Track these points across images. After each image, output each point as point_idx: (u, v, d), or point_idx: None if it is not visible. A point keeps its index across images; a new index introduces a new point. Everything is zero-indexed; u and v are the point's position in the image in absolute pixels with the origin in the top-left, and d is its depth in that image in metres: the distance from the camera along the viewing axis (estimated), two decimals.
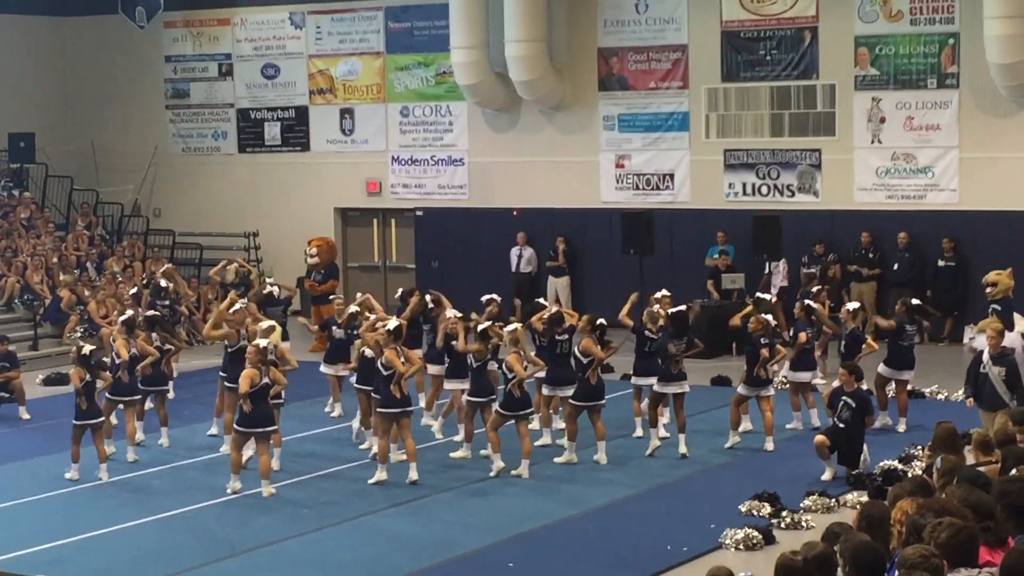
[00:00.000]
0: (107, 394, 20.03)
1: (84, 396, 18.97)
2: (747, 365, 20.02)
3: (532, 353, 19.54)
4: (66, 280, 29.62)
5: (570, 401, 19.43)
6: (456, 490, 18.32)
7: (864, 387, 19.09)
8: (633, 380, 20.87)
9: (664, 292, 21.84)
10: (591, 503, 17.56)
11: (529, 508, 17.38)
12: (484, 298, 21.95)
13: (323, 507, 17.66)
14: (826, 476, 18.09)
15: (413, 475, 18.45)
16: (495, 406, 19.15)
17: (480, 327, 19.54)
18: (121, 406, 20.33)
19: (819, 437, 18.38)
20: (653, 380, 20.03)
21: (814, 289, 24.25)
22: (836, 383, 18.82)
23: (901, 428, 20.72)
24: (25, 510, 17.92)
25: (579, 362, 19.43)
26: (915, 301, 22.13)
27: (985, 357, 17.87)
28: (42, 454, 20.70)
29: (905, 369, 21.16)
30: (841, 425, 18.21)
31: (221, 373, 20.74)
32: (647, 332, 20.38)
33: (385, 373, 18.50)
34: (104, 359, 25.18)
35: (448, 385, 20.78)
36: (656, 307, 20.87)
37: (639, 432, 20.59)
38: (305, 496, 18.16)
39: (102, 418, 19.33)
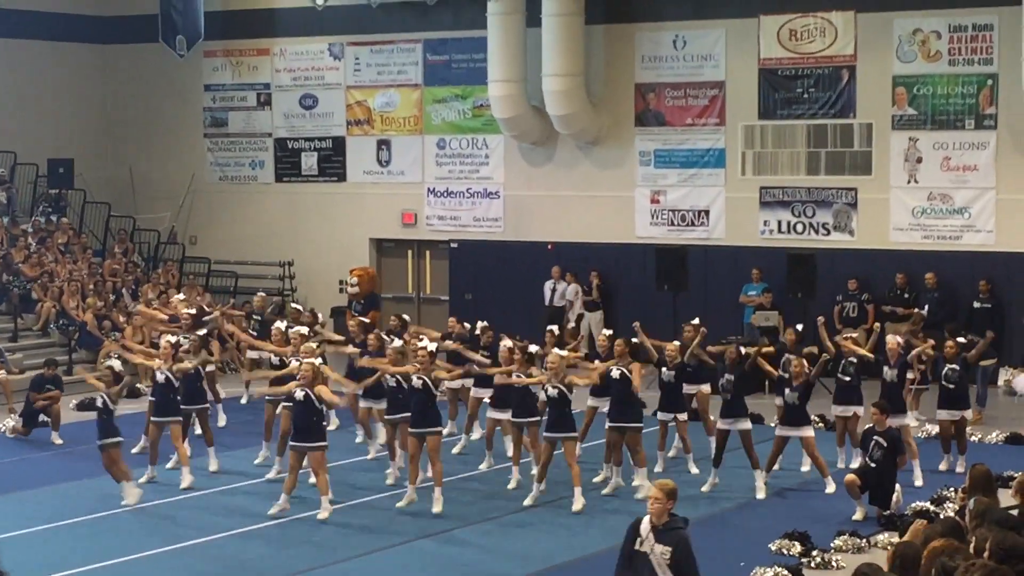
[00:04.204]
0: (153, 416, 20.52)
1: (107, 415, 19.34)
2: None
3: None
4: (90, 303, 29.77)
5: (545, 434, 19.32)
6: (493, 520, 18.30)
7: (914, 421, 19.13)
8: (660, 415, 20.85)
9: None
10: (616, 539, 17.44)
11: (560, 541, 17.32)
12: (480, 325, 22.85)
13: (356, 535, 17.65)
14: (857, 516, 17.98)
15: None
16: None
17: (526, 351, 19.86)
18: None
19: (849, 476, 18.27)
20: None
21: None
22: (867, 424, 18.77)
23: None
24: (54, 535, 17.95)
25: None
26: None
27: (644, 527, 11.80)
28: (73, 479, 20.75)
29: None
30: (872, 465, 18.10)
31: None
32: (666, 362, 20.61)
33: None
34: (139, 385, 25.42)
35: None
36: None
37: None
38: (338, 524, 18.16)
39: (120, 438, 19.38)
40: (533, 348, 19.88)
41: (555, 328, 22.35)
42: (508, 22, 30.91)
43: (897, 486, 18.23)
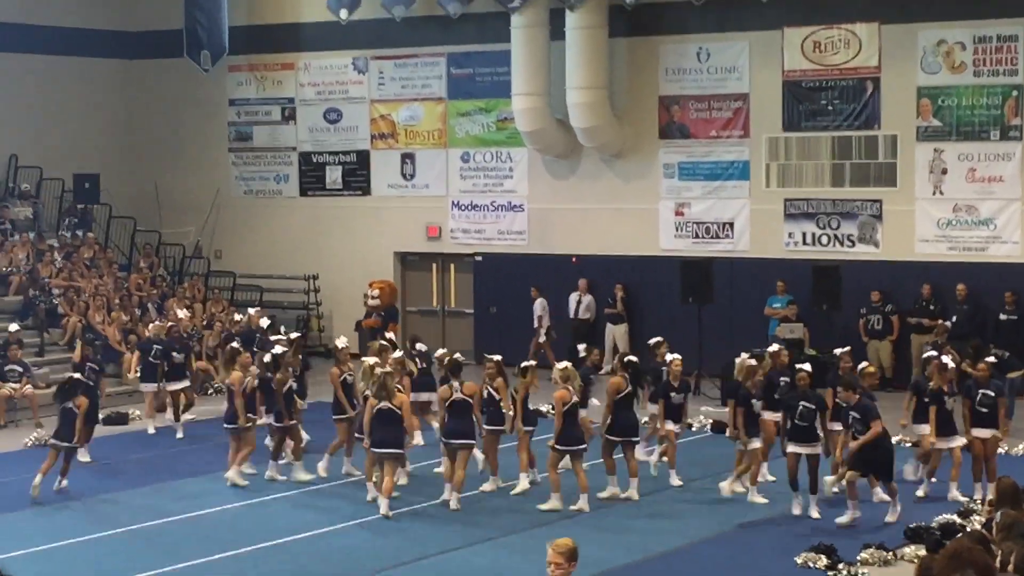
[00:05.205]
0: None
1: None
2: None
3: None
4: (114, 318, 29.84)
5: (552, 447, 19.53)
6: (518, 533, 18.28)
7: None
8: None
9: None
10: (647, 551, 17.48)
11: (584, 555, 17.23)
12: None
13: (372, 551, 17.68)
14: (843, 519, 18.15)
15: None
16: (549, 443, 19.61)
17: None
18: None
19: (850, 473, 18.24)
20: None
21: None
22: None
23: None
24: (79, 549, 17.97)
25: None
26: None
27: None
28: (97, 494, 20.79)
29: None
30: (857, 437, 18.26)
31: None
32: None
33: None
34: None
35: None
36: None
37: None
38: (358, 537, 18.20)
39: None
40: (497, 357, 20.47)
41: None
42: (532, 35, 30.96)
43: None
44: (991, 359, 20.69)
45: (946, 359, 20.30)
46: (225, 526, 18.90)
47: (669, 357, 21.07)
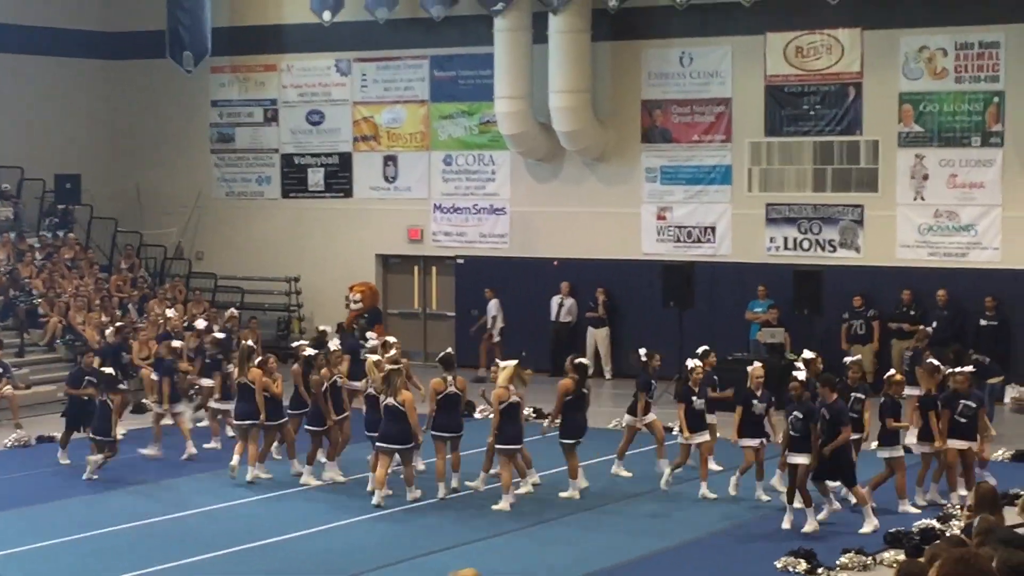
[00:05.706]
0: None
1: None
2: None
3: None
4: (92, 318, 29.75)
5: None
6: (502, 536, 18.28)
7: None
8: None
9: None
10: (627, 555, 17.47)
11: (561, 560, 17.30)
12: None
13: (367, 550, 17.66)
14: (865, 529, 17.99)
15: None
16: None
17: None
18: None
19: (819, 485, 18.41)
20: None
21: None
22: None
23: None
24: (59, 551, 17.91)
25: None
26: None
27: None
28: (77, 495, 20.76)
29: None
30: (822, 438, 18.26)
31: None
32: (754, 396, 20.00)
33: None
34: (144, 400, 25.44)
35: None
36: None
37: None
38: (349, 540, 18.20)
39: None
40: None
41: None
42: (515, 39, 30.97)
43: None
44: (970, 368, 20.29)
45: (934, 361, 20.27)
46: (208, 527, 18.85)
47: (691, 364, 20.56)
